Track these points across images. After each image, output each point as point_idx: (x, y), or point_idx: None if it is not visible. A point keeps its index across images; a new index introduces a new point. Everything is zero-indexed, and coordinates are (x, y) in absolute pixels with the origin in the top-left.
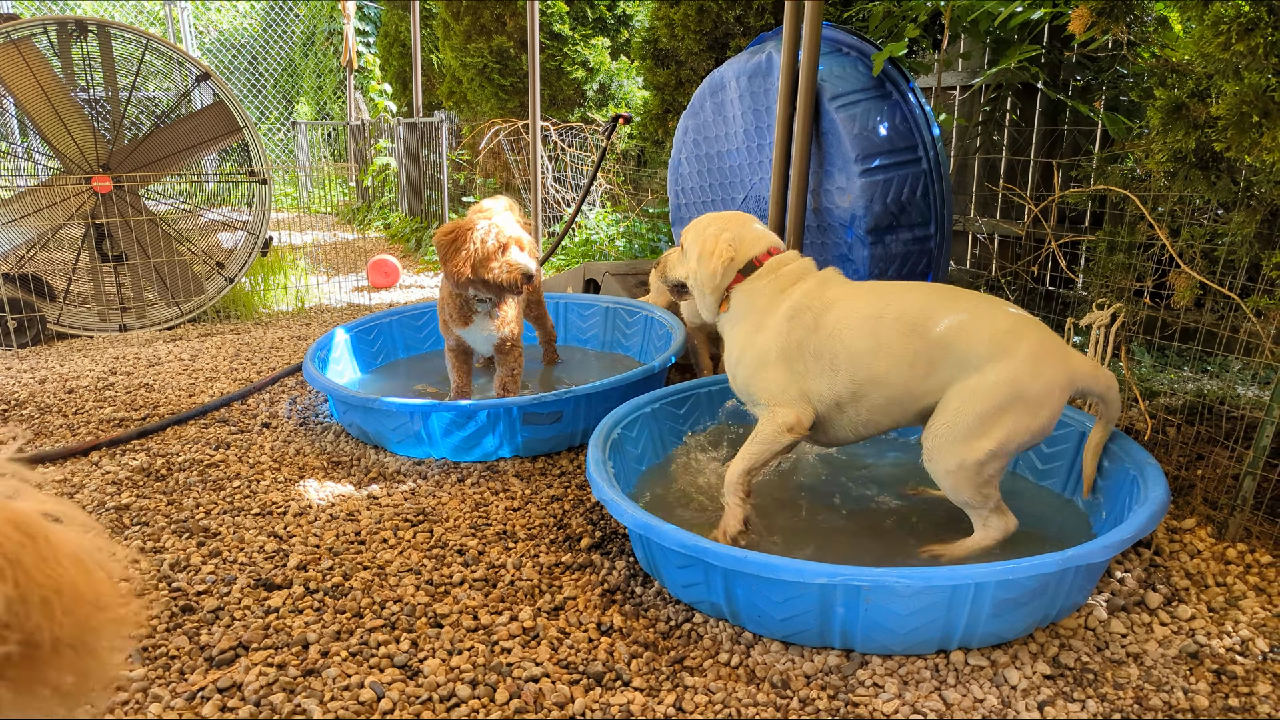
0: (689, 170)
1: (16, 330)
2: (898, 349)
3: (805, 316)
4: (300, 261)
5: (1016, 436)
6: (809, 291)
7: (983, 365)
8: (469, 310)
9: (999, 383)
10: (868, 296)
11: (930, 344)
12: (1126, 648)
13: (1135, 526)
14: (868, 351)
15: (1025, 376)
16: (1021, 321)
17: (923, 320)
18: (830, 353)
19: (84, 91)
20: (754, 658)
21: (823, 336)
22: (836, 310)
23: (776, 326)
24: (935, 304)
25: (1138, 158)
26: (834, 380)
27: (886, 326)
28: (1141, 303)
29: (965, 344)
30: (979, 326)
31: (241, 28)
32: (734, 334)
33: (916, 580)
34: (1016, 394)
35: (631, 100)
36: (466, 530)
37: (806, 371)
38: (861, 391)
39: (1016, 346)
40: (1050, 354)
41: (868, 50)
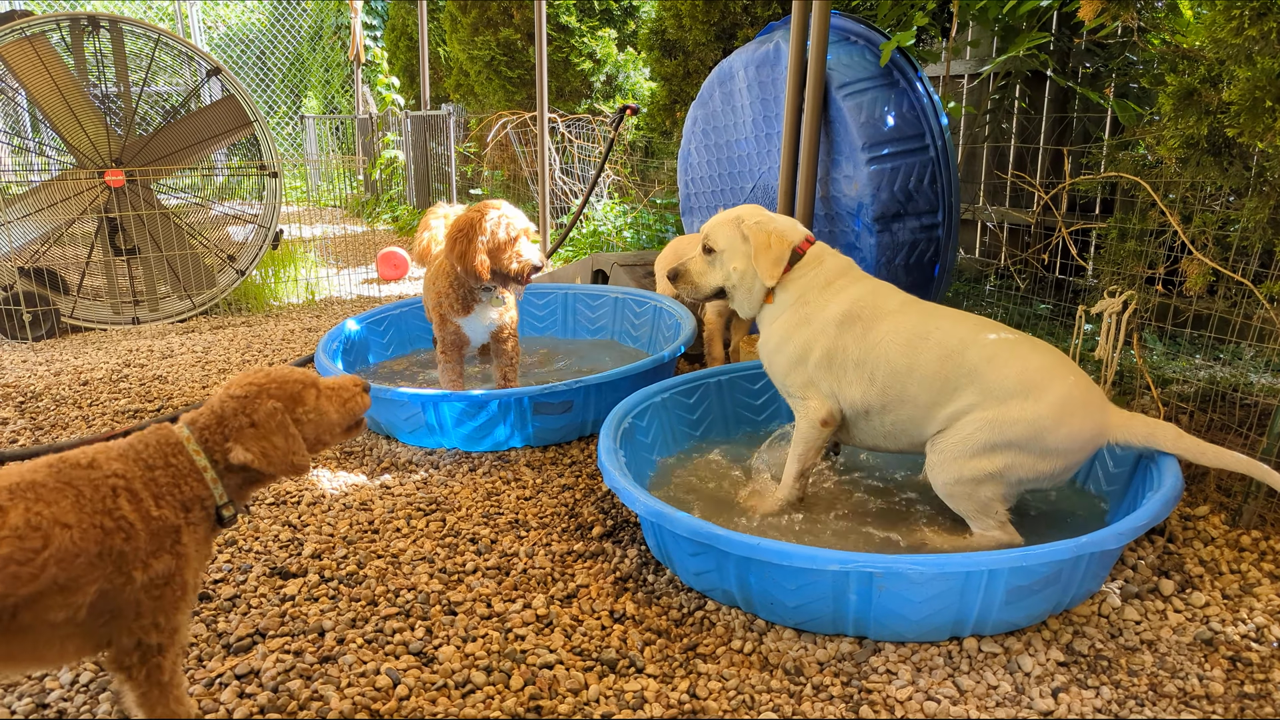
0: (698, 160)
1: (31, 323)
2: (930, 371)
3: (856, 326)
4: (310, 254)
5: (1020, 473)
6: (862, 299)
7: (1006, 399)
8: (471, 300)
9: (1017, 420)
10: (917, 316)
11: (960, 370)
12: (1140, 635)
13: (1149, 514)
14: (905, 370)
15: (1047, 422)
16: (1057, 365)
17: (960, 347)
18: (872, 363)
19: (96, 87)
20: (767, 645)
21: (868, 346)
22: (886, 324)
23: (824, 327)
24: (975, 334)
25: (1149, 144)
26: (868, 390)
27: (928, 349)
28: (1153, 290)
29: (993, 375)
30: (1010, 361)
31: (249, 23)
32: (776, 326)
33: (930, 567)
34: (1033, 436)
35: (639, 91)
36: (479, 519)
37: (844, 376)
38: (889, 406)
39: (1046, 390)
40: (1081, 406)
41: (876, 39)
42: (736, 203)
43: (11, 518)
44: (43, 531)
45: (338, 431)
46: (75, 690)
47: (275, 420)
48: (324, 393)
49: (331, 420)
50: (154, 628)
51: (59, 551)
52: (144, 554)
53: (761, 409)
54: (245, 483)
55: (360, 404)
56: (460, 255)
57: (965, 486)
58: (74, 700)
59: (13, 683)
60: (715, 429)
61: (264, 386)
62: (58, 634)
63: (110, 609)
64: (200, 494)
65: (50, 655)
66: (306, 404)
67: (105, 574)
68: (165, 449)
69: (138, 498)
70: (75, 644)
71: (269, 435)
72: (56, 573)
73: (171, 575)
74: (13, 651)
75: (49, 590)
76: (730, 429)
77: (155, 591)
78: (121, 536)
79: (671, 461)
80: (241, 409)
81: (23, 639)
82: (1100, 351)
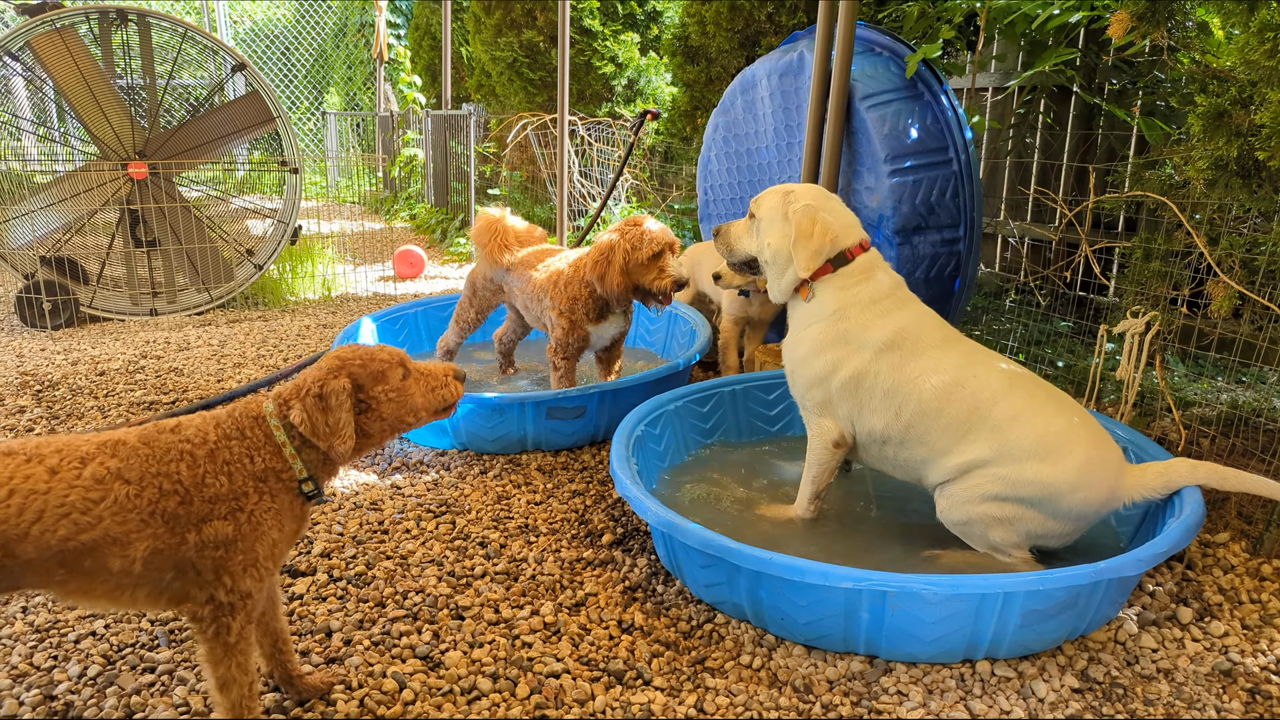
0: (718, 167)
1: (51, 312)
2: (956, 419)
3: (894, 354)
4: (327, 250)
5: (1029, 526)
6: (906, 328)
7: (1023, 460)
8: (607, 310)
9: (1031, 481)
10: (957, 358)
11: (984, 423)
12: (1157, 663)
13: (1170, 541)
14: (933, 413)
15: (1062, 487)
16: (1079, 429)
17: (990, 401)
18: (902, 397)
19: (123, 79)
20: (776, 661)
21: (901, 379)
22: (925, 361)
23: (861, 349)
24: (1007, 389)
25: (1176, 164)
26: (891, 423)
27: (961, 398)
28: (1177, 311)
29: (1014, 434)
30: (1033, 421)
31: (275, 18)
32: (809, 333)
33: (944, 587)
34: (1046, 498)
35: (660, 96)
36: (488, 523)
37: (869, 402)
38: (908, 442)
39: (1064, 455)
40: (1098, 472)
41: (901, 51)
42: None
43: (87, 469)
44: (104, 485)
45: (423, 415)
46: (83, 683)
47: (336, 398)
48: (413, 374)
49: (416, 403)
50: (221, 588)
51: (114, 505)
52: (196, 518)
53: (776, 419)
54: (325, 459)
55: (451, 393)
56: (600, 276)
57: (977, 528)
58: (82, 693)
59: (21, 673)
60: (729, 438)
61: (347, 361)
62: (122, 582)
63: (170, 566)
64: (275, 466)
65: (124, 599)
66: (389, 383)
67: (155, 532)
68: (245, 420)
69: (197, 464)
70: (145, 592)
71: (329, 410)
72: (110, 524)
73: (232, 541)
74: (89, 590)
75: (104, 540)
76: (744, 438)
77: (214, 554)
78: (176, 499)
79: (683, 470)
80: (317, 379)
81: (93, 581)
82: (1121, 372)
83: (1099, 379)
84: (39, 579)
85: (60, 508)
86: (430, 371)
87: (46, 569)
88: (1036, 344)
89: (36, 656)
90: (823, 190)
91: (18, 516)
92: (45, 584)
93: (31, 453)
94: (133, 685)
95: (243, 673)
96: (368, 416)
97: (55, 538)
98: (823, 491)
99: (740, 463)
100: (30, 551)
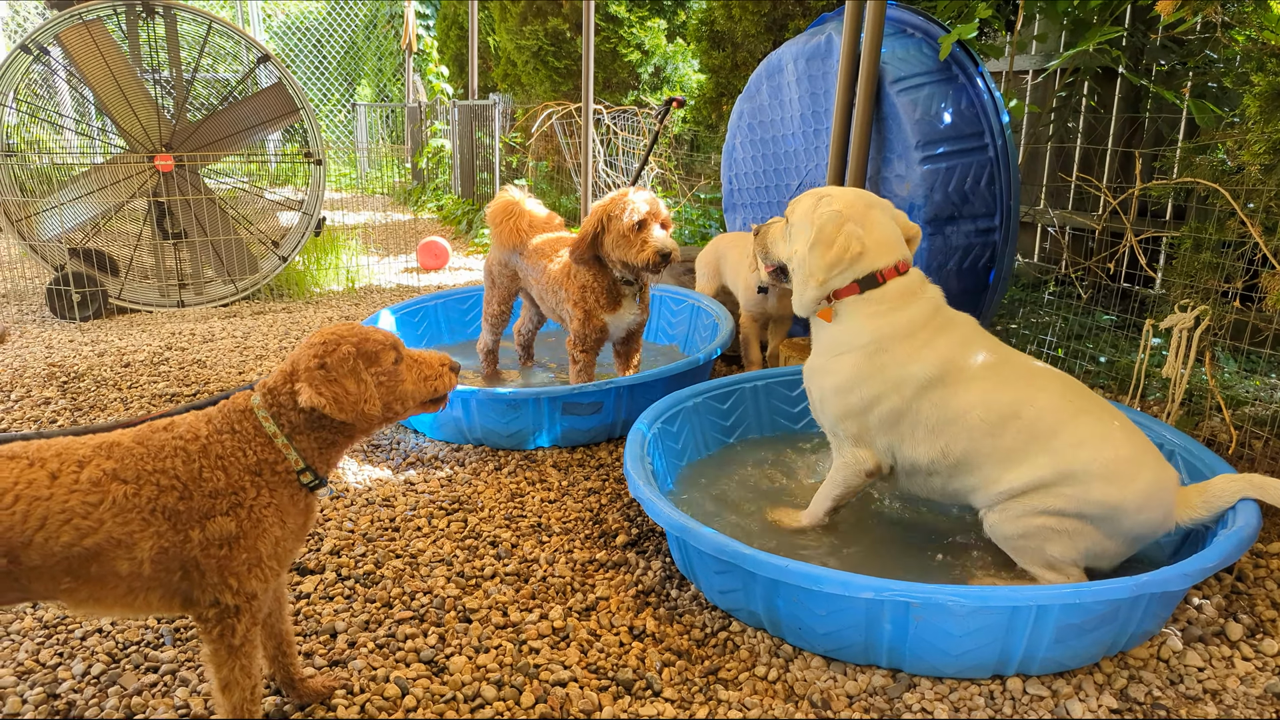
0: (743, 155)
1: (79, 304)
2: (1012, 448)
3: (939, 392)
4: (352, 241)
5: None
6: (950, 360)
7: (1089, 481)
8: (618, 295)
9: (1099, 502)
10: (1011, 387)
11: (1045, 450)
12: (1204, 683)
13: (1220, 554)
14: (987, 450)
15: (1129, 507)
16: (1144, 455)
17: (1050, 432)
18: (950, 435)
19: (151, 73)
20: (793, 673)
21: (949, 416)
22: (974, 393)
23: (900, 385)
24: (1072, 416)
25: (1229, 149)
26: (937, 459)
27: (1018, 429)
28: (1229, 305)
29: (1081, 459)
30: (1101, 448)
31: (307, 11)
32: (839, 363)
33: (971, 599)
34: (1109, 518)
35: (687, 84)
36: (501, 521)
37: (911, 437)
38: (956, 474)
39: (1132, 479)
40: (1159, 496)
41: (934, 32)
42: (782, 201)
43: (85, 473)
44: (102, 487)
45: (411, 404)
46: (86, 682)
47: (348, 365)
48: (405, 360)
49: (406, 390)
50: (226, 589)
51: (114, 507)
52: (199, 514)
53: (799, 416)
54: (323, 444)
55: (443, 383)
56: (573, 246)
57: (1034, 541)
58: (84, 692)
59: (26, 670)
60: (751, 434)
61: (343, 336)
62: (134, 585)
63: (177, 566)
64: (268, 458)
65: (137, 604)
66: (381, 365)
67: (159, 530)
68: (234, 414)
69: (191, 459)
70: (158, 595)
71: (341, 379)
72: (112, 527)
73: (234, 539)
74: (99, 597)
75: (108, 544)
76: (766, 435)
77: (217, 552)
78: (175, 495)
79: (702, 469)
80: (314, 354)
81: (103, 587)
82: (1168, 369)
83: (1143, 376)
84: (46, 588)
85: (62, 513)
86: (424, 359)
87: (52, 577)
88: (1077, 338)
89: (43, 653)
90: (866, 196)
91: (22, 523)
92: (53, 594)
93: (34, 457)
94: (135, 685)
95: (245, 676)
96: None
97: (59, 544)
98: (842, 507)
99: (762, 461)
100: (35, 559)
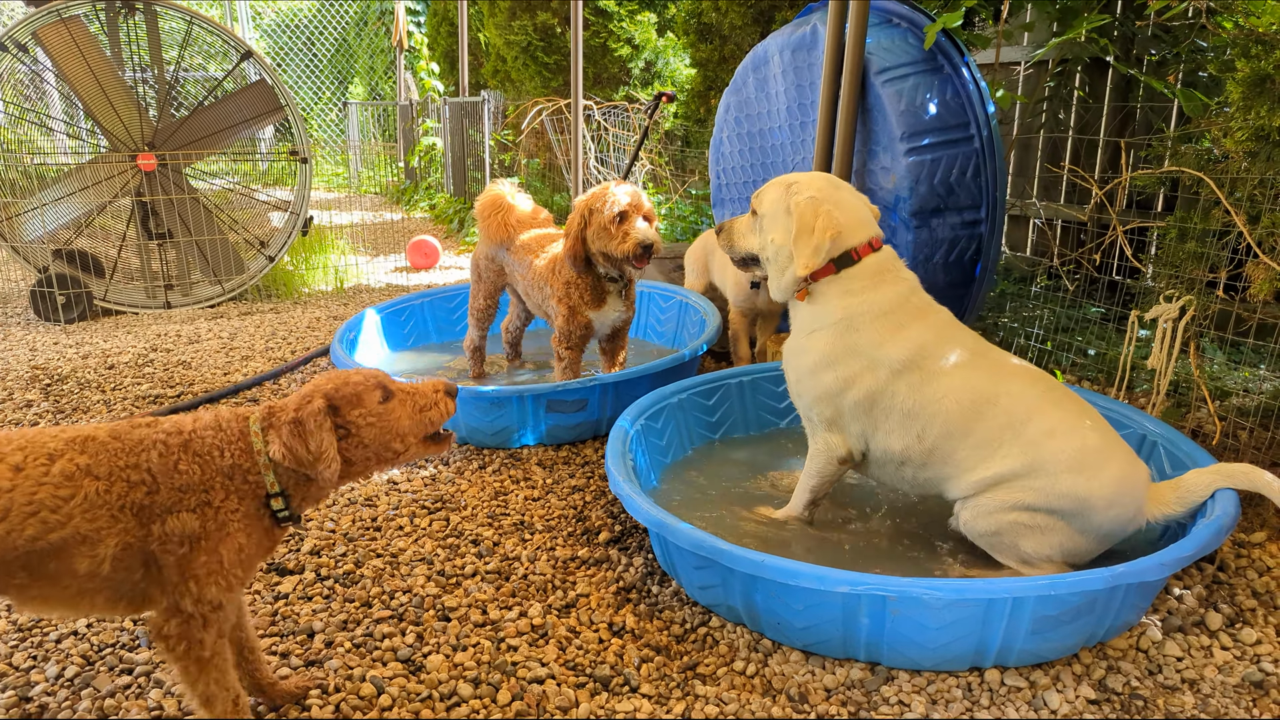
0: (730, 149)
1: (64, 305)
2: (988, 437)
3: (914, 374)
4: (340, 241)
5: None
6: (927, 345)
7: (1058, 474)
8: (603, 292)
9: (1066, 494)
10: (987, 374)
11: (1017, 439)
12: (1182, 673)
13: (1197, 543)
14: (961, 434)
15: (1098, 502)
16: (1114, 447)
17: (1025, 418)
18: (925, 419)
19: (138, 71)
20: (771, 667)
21: (924, 400)
22: (951, 380)
23: (875, 366)
24: (1042, 403)
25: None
26: (912, 445)
27: (993, 415)
28: (1214, 295)
29: (1050, 449)
30: (1070, 437)
31: (297, 9)
32: (812, 340)
33: (947, 592)
34: (1079, 512)
35: (678, 79)
36: (483, 520)
37: (885, 424)
38: (930, 463)
39: (1099, 470)
40: (1128, 491)
41: (920, 21)
42: None
43: (56, 466)
44: (74, 481)
45: (411, 441)
46: (59, 685)
47: (314, 421)
48: (396, 396)
49: (402, 427)
50: (187, 594)
51: (84, 502)
52: (162, 508)
53: (786, 411)
54: (300, 479)
55: (440, 412)
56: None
57: (1007, 538)
58: (56, 695)
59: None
60: (736, 431)
61: (320, 386)
62: (86, 586)
63: (138, 564)
64: (244, 465)
65: (83, 605)
66: (366, 406)
67: (126, 526)
68: (226, 416)
69: (168, 451)
70: (105, 596)
71: (307, 435)
72: (80, 522)
73: (196, 538)
74: (48, 596)
75: (73, 540)
76: (752, 431)
77: (175, 549)
78: (144, 490)
79: (686, 465)
80: (293, 406)
81: (55, 586)
82: (1154, 360)
83: (1129, 368)
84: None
85: (28, 506)
86: (416, 391)
87: (7, 571)
88: (1065, 331)
89: (16, 656)
90: (831, 180)
91: None
92: (3, 589)
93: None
94: (108, 687)
95: (223, 688)
96: (347, 443)
97: (22, 538)
98: (820, 499)
99: (747, 458)
100: None
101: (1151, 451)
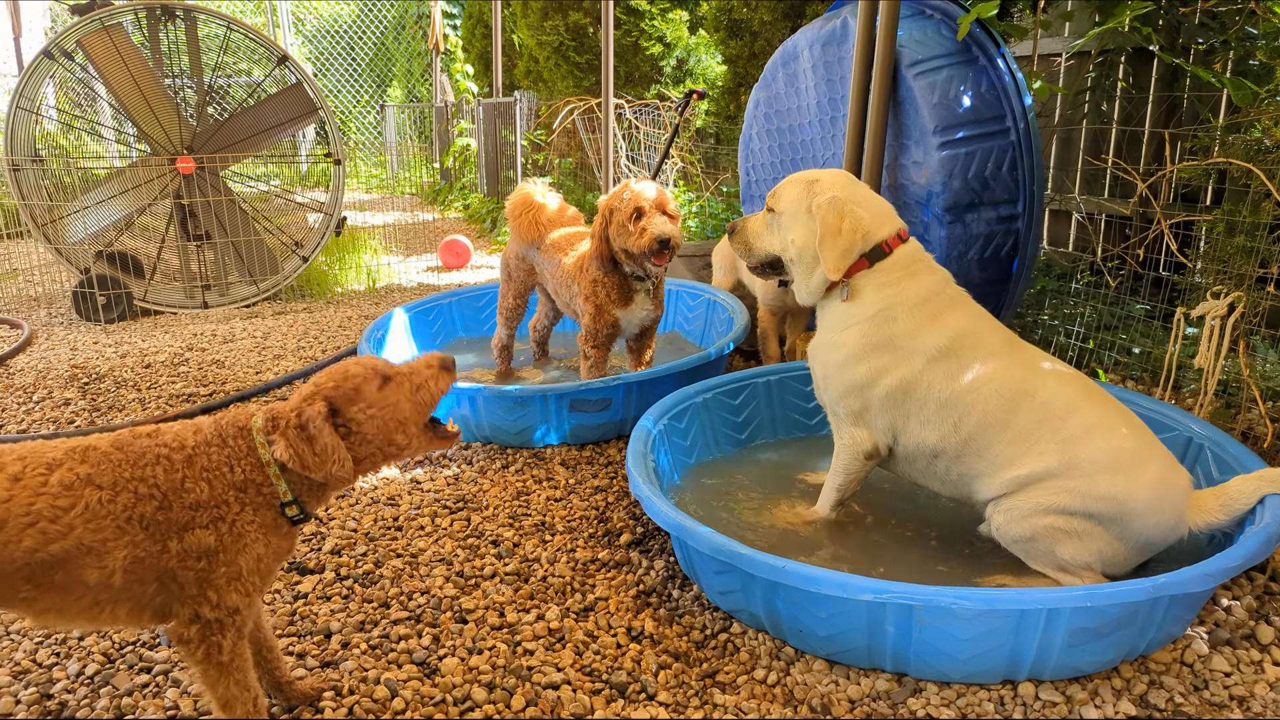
0: (760, 145)
1: (105, 306)
2: (1025, 430)
3: (951, 362)
4: (373, 241)
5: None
6: (964, 333)
7: (1094, 474)
8: (630, 290)
9: (1104, 496)
10: (1023, 366)
11: (1054, 435)
12: (1230, 689)
13: (1245, 552)
14: (999, 425)
15: (1137, 506)
16: (1154, 450)
17: (1064, 412)
18: (962, 409)
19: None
20: (794, 676)
21: (961, 390)
22: (988, 369)
23: (910, 356)
24: (1082, 399)
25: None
26: (947, 436)
27: (1032, 408)
28: (1264, 291)
29: (1087, 446)
30: (1108, 436)
31: (338, 13)
32: (846, 335)
33: (977, 602)
34: (1117, 516)
35: (710, 76)
36: (504, 520)
37: (920, 414)
38: (965, 456)
39: (1138, 472)
40: (1168, 496)
41: (954, 12)
42: None
43: (55, 475)
44: (74, 492)
45: (414, 430)
46: (79, 682)
47: (315, 425)
48: (393, 379)
49: (403, 413)
50: (206, 603)
51: (85, 512)
52: (178, 525)
53: (814, 412)
54: (313, 484)
55: (436, 388)
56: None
57: (1043, 544)
58: (76, 693)
59: (22, 670)
60: (763, 432)
61: (321, 386)
62: (101, 597)
63: (153, 578)
64: (256, 479)
65: (103, 616)
66: (365, 398)
67: (135, 539)
68: (229, 429)
69: (175, 468)
70: (127, 608)
71: (311, 438)
72: (83, 533)
73: (214, 552)
74: (62, 608)
75: (76, 551)
76: (779, 433)
77: (195, 564)
78: (153, 504)
79: (711, 467)
80: (294, 409)
81: (67, 597)
82: (1201, 359)
83: (1175, 367)
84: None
85: (25, 516)
86: (412, 369)
87: (10, 585)
88: (1108, 329)
89: (40, 653)
90: (848, 176)
91: None
92: (9, 603)
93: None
94: (127, 685)
95: (244, 689)
96: (351, 440)
97: (20, 549)
98: (847, 498)
99: (774, 460)
100: None
101: (1198, 455)
